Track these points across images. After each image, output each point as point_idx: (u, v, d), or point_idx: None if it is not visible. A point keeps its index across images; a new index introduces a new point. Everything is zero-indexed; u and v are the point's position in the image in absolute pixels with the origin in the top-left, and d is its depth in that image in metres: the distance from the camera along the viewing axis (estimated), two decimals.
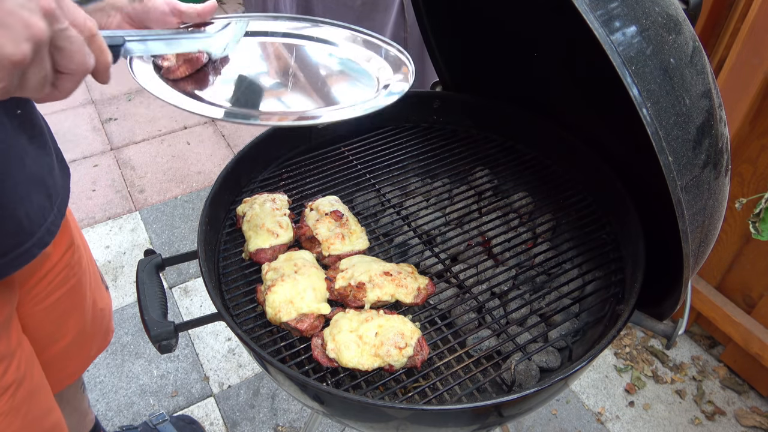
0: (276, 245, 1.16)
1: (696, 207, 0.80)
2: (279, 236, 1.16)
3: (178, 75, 1.03)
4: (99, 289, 1.38)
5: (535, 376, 1.10)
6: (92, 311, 1.32)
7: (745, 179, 1.87)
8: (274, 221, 1.17)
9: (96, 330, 1.36)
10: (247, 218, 1.19)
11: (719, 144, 0.83)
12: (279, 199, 1.23)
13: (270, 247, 1.15)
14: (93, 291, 1.33)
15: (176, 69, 1.02)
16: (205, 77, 1.05)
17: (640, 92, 0.72)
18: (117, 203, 3.01)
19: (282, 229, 1.17)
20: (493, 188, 1.41)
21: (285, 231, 1.17)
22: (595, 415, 2.06)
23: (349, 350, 0.95)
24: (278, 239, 1.16)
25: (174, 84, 1.01)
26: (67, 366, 1.32)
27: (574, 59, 1.22)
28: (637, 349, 2.26)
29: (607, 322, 1.08)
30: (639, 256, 1.08)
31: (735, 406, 2.08)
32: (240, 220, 1.21)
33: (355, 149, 1.44)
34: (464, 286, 1.15)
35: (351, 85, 1.10)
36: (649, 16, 0.76)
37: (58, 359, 1.26)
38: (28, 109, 1.00)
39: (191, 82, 1.03)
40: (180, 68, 1.02)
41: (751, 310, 2.02)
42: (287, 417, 2.06)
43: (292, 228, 1.20)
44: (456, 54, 1.51)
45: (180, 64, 1.02)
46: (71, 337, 1.26)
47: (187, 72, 1.04)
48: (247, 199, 1.24)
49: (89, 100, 3.78)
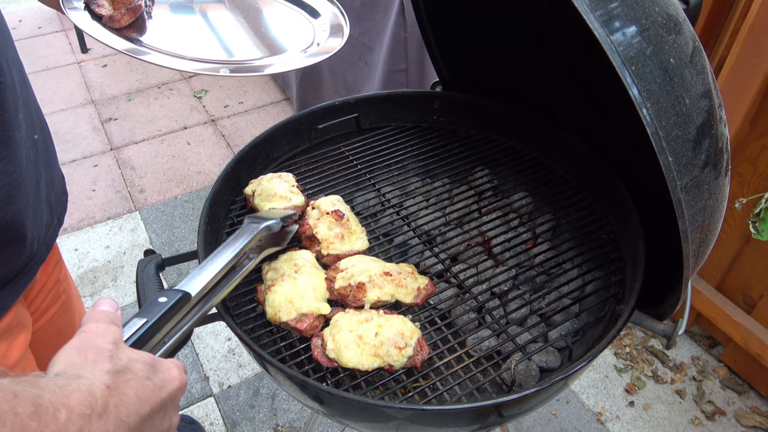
0: (290, 207, 1.19)
1: (696, 207, 0.80)
2: (292, 200, 1.20)
3: (122, 24, 1.07)
4: (80, 304, 1.37)
5: (535, 376, 1.10)
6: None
7: (745, 179, 1.87)
8: (285, 189, 1.22)
9: None
10: (257, 193, 1.22)
11: (719, 144, 0.83)
12: (285, 176, 1.27)
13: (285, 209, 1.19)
14: (79, 307, 1.32)
15: (120, 18, 1.06)
16: (143, 24, 1.11)
17: (640, 92, 0.72)
18: (117, 203, 3.01)
19: (294, 194, 1.21)
20: (493, 188, 1.41)
21: (297, 195, 1.22)
22: (595, 415, 2.06)
23: (349, 350, 0.95)
24: (292, 202, 1.20)
25: (119, 33, 1.06)
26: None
27: (574, 59, 1.22)
28: (637, 349, 2.26)
29: (607, 322, 1.08)
30: (639, 256, 1.08)
31: (735, 406, 2.08)
32: (250, 199, 1.24)
33: (355, 149, 1.44)
34: (464, 286, 1.15)
35: (285, 36, 1.18)
36: (649, 16, 0.76)
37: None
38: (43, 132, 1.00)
39: (134, 29, 1.08)
40: (123, 17, 1.06)
41: (751, 310, 2.02)
42: (287, 417, 2.06)
43: (303, 195, 1.24)
44: (456, 54, 1.51)
45: (123, 13, 1.06)
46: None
47: (129, 20, 1.08)
48: (253, 180, 1.27)
49: (89, 100, 3.78)
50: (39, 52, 4.26)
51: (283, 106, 3.71)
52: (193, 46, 1.10)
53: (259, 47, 1.14)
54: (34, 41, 4.40)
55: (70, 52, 4.29)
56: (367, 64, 2.57)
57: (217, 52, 1.11)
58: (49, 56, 4.22)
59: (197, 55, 1.07)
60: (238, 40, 1.15)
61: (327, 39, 1.18)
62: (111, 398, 0.53)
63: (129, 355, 0.59)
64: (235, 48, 1.13)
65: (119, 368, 0.56)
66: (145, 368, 0.59)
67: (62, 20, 4.61)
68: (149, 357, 0.61)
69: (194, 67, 1.04)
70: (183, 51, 1.07)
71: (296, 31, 1.21)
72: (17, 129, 0.85)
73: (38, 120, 0.99)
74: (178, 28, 1.14)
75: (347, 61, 2.68)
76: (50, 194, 1.03)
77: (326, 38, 1.19)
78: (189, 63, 1.04)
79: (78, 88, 3.89)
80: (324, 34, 1.20)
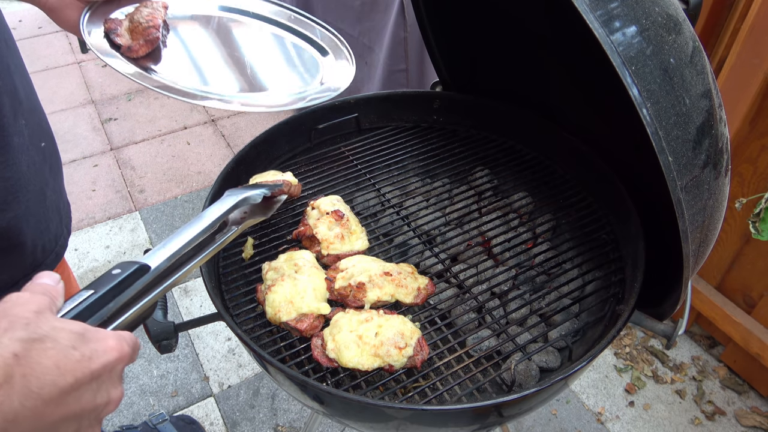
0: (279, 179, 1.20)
1: (696, 207, 0.80)
2: (284, 175, 1.23)
3: (139, 54, 1.10)
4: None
5: (535, 376, 1.10)
6: None
7: (745, 179, 1.87)
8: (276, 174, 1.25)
9: None
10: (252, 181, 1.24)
11: (719, 144, 0.83)
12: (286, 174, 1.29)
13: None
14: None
15: (137, 49, 1.10)
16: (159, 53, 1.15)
17: (640, 92, 0.72)
18: (117, 203, 3.01)
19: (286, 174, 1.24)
20: (493, 188, 1.41)
21: (289, 174, 1.25)
22: (595, 415, 2.06)
23: (349, 350, 0.95)
24: (283, 176, 1.23)
25: (136, 62, 1.10)
26: None
27: (574, 59, 1.22)
28: (637, 349, 2.26)
29: (607, 322, 1.08)
30: (639, 256, 1.08)
31: (735, 406, 2.08)
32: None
33: (355, 149, 1.44)
34: (464, 286, 1.15)
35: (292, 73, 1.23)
36: (649, 16, 0.76)
37: None
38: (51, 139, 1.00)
39: (150, 59, 1.12)
40: (141, 48, 1.10)
41: (751, 310, 2.02)
42: (287, 417, 2.06)
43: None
44: (456, 54, 1.51)
45: (141, 44, 1.10)
46: None
47: (146, 51, 1.11)
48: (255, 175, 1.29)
49: (89, 100, 3.78)
50: (39, 52, 4.26)
51: None
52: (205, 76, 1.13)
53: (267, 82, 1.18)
54: (34, 41, 4.40)
55: (70, 52, 4.29)
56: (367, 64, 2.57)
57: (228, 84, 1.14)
58: (49, 56, 4.22)
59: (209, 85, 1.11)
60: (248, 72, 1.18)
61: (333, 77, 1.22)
62: (18, 367, 0.50)
63: (53, 324, 0.55)
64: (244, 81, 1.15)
65: (36, 337, 0.52)
66: (72, 337, 0.55)
67: None
68: (79, 326, 0.57)
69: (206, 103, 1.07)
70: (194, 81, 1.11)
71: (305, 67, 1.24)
72: (16, 134, 0.85)
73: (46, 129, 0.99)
74: (192, 58, 1.17)
75: None
76: (60, 203, 1.02)
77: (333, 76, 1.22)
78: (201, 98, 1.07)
79: (78, 88, 3.89)
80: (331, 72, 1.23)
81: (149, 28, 1.10)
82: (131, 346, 0.62)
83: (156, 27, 1.11)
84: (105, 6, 1.14)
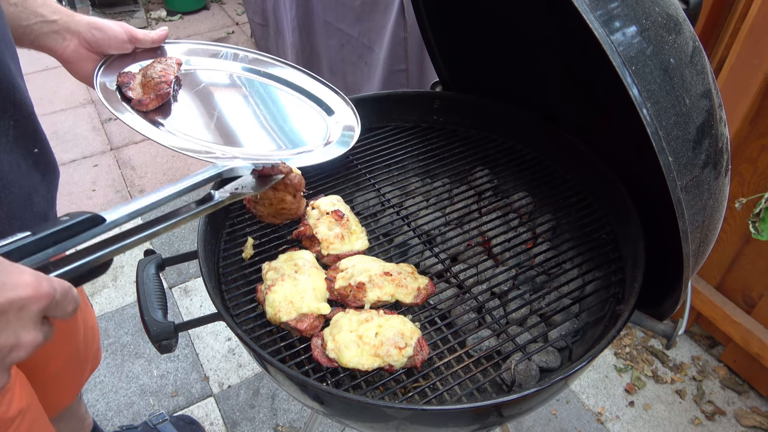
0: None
1: (696, 207, 0.80)
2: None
3: (149, 108, 1.12)
4: (87, 306, 1.35)
5: (535, 376, 1.10)
6: (84, 330, 1.30)
7: (745, 179, 1.87)
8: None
9: (88, 350, 1.33)
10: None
11: (719, 144, 0.83)
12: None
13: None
14: (83, 309, 1.31)
15: (148, 103, 1.12)
16: (169, 107, 1.17)
17: (640, 92, 0.72)
18: (117, 203, 3.00)
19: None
20: (493, 188, 1.41)
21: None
22: (595, 415, 2.06)
23: (349, 350, 0.95)
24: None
25: (145, 116, 1.11)
26: (61, 389, 1.29)
27: (574, 59, 1.22)
28: (637, 349, 2.26)
29: (607, 322, 1.08)
30: (639, 256, 1.08)
31: (735, 406, 2.08)
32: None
33: (355, 149, 1.44)
34: (464, 286, 1.15)
35: (302, 130, 1.25)
36: (649, 16, 0.76)
37: (53, 382, 1.22)
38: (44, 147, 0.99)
39: (159, 112, 1.14)
40: (151, 102, 1.12)
41: (751, 310, 2.02)
42: (287, 417, 2.06)
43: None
44: (456, 54, 1.51)
45: (152, 98, 1.11)
46: (65, 358, 1.24)
47: (156, 105, 1.13)
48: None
49: (89, 100, 3.78)
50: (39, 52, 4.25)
51: None
52: (212, 132, 1.15)
53: (275, 140, 1.19)
54: None
55: None
56: (367, 64, 2.57)
57: (235, 141, 1.15)
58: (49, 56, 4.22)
59: (216, 141, 1.12)
60: (255, 130, 1.20)
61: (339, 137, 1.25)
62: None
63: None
64: (251, 139, 1.17)
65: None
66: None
67: None
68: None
69: (214, 159, 1.07)
70: (202, 136, 1.13)
71: (311, 126, 1.26)
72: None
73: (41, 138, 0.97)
74: (200, 114, 1.19)
75: (347, 61, 2.68)
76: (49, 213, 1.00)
77: (338, 136, 1.25)
78: (209, 155, 1.08)
79: (78, 88, 3.88)
80: (337, 131, 1.26)
81: (161, 83, 1.12)
82: (56, 290, 0.57)
83: (167, 83, 1.13)
84: (120, 60, 1.17)
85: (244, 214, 1.26)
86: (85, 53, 1.10)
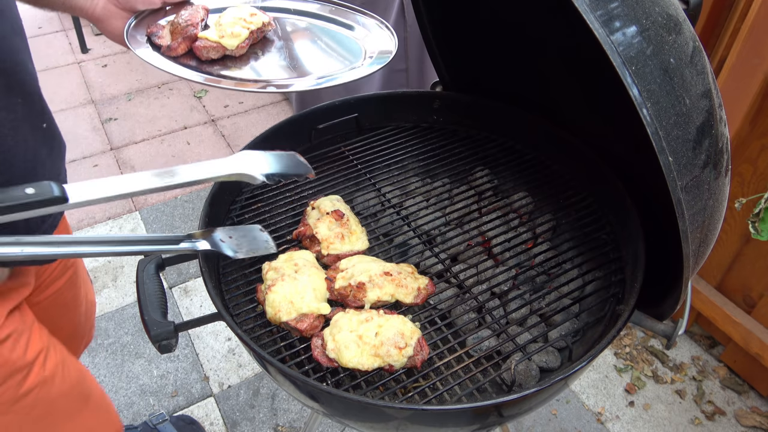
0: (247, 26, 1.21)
1: (696, 207, 0.80)
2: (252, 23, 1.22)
3: (179, 52, 1.14)
4: (87, 281, 1.37)
5: (535, 376, 1.10)
6: (86, 304, 1.32)
7: (745, 179, 1.87)
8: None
9: (87, 324, 1.35)
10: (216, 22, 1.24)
11: (719, 144, 0.83)
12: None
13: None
14: (85, 282, 1.32)
15: (176, 47, 1.13)
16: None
17: (640, 92, 0.72)
18: (117, 203, 3.01)
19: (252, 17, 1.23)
20: (493, 188, 1.41)
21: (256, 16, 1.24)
22: (595, 415, 2.06)
23: (349, 350, 0.95)
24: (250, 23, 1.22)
25: (176, 60, 1.14)
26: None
27: (574, 59, 1.22)
28: (637, 349, 2.26)
29: (607, 322, 1.08)
30: (639, 256, 1.08)
31: (735, 406, 2.08)
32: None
33: (355, 149, 1.44)
34: (464, 286, 1.15)
35: (338, 55, 1.27)
36: (649, 16, 0.76)
37: None
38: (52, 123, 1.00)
39: (190, 57, 1.16)
40: (180, 45, 1.13)
41: (751, 310, 2.02)
42: (287, 417, 2.06)
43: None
44: (456, 54, 1.51)
45: (180, 42, 1.13)
46: (68, 331, 1.25)
47: (185, 49, 1.15)
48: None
49: (89, 100, 3.78)
50: (39, 52, 4.26)
51: (282, 106, 3.71)
52: (255, 70, 1.17)
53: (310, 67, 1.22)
54: (34, 41, 4.39)
55: (70, 52, 4.28)
56: None
57: (275, 72, 1.18)
58: (49, 56, 4.22)
59: (258, 74, 1.14)
60: (290, 61, 1.22)
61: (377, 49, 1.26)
62: None
63: None
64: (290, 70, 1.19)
65: None
66: None
67: (62, 20, 4.61)
68: None
69: (257, 88, 1.10)
70: (247, 74, 1.15)
71: (347, 50, 1.28)
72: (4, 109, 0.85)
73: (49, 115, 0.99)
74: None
75: None
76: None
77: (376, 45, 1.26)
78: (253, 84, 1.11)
79: (78, 88, 3.89)
80: (374, 44, 1.27)
81: (188, 27, 1.13)
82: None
83: (194, 25, 1.14)
84: (150, 16, 1.18)
85: (244, 213, 1.26)
86: (114, 10, 1.12)
